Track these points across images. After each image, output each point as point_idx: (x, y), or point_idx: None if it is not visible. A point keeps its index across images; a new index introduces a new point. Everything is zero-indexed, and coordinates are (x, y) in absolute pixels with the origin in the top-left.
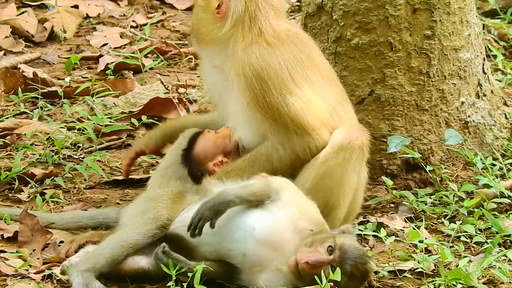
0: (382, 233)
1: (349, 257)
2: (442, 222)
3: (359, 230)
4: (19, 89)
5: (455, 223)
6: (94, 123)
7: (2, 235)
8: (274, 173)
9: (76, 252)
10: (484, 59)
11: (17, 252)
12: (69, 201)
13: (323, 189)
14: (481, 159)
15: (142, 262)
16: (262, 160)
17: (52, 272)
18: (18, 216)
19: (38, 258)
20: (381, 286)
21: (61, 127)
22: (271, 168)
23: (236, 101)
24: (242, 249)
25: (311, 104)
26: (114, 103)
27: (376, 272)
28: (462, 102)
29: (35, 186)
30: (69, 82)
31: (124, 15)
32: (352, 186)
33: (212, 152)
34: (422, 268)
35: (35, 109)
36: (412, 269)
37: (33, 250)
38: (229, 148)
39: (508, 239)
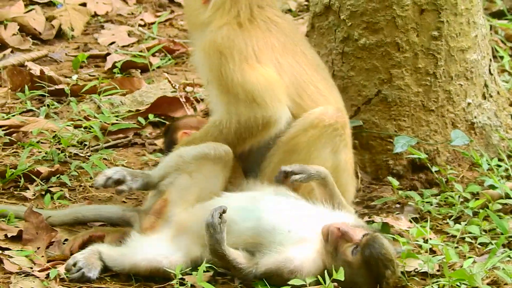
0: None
1: (375, 251)
2: (447, 223)
3: None
4: (26, 86)
5: (460, 224)
6: (100, 121)
7: (6, 234)
8: (226, 143)
9: (80, 248)
10: (490, 60)
11: (21, 250)
12: (75, 199)
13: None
14: (486, 160)
15: (163, 262)
16: (213, 130)
17: (57, 270)
18: (23, 214)
19: (42, 256)
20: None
21: (68, 125)
22: (221, 137)
23: (205, 82)
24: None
25: (271, 79)
26: (121, 102)
27: None
28: (469, 103)
29: (41, 184)
30: (76, 80)
31: (132, 13)
32: (323, 165)
33: (189, 125)
34: (426, 268)
35: (41, 106)
36: (417, 269)
37: (38, 248)
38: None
39: None
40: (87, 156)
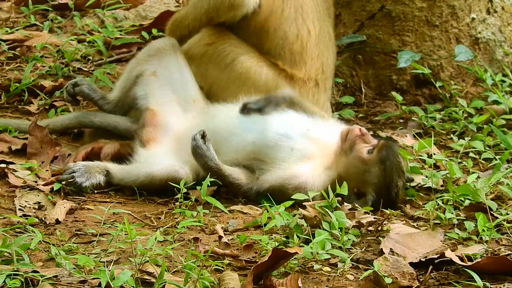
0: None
1: (392, 154)
2: (451, 138)
3: None
4: (30, 1)
5: (464, 139)
6: (104, 36)
7: (10, 147)
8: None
9: (83, 159)
10: None
11: (26, 163)
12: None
13: None
14: (490, 76)
15: (180, 172)
16: (191, 9)
17: (61, 183)
18: (28, 128)
19: (47, 170)
20: None
21: (71, 40)
22: (197, 17)
23: None
24: (292, 145)
25: None
26: (124, 16)
27: None
28: (473, 18)
29: (45, 98)
30: None
31: None
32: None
33: None
34: (430, 183)
35: (45, 21)
36: (421, 184)
37: (42, 162)
38: None
39: None
40: (90, 71)
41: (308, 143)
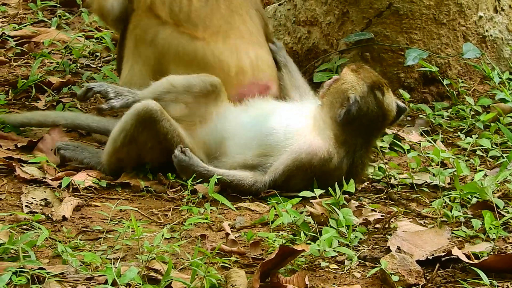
0: (405, 146)
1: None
2: (458, 136)
3: None
4: None
5: (471, 137)
6: (112, 32)
7: (16, 144)
8: None
9: None
10: None
11: (34, 156)
12: (86, 110)
13: None
14: (498, 74)
15: None
16: None
17: (69, 179)
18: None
19: (55, 169)
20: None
21: (79, 36)
22: None
23: None
24: (286, 128)
25: None
26: None
27: (392, 186)
28: (480, 17)
29: (52, 95)
30: None
31: None
32: None
33: None
34: (437, 181)
35: (53, 17)
36: (428, 182)
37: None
38: None
39: None
40: (98, 67)
41: (298, 118)
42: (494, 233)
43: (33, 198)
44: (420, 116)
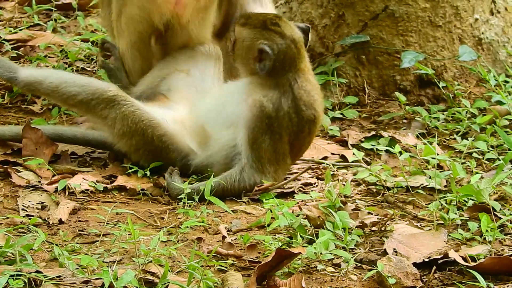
0: (397, 148)
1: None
2: (455, 139)
3: (372, 145)
4: (33, 0)
5: (467, 140)
6: (107, 36)
7: (13, 148)
8: None
9: None
10: None
11: (23, 165)
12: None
13: None
14: (494, 76)
15: None
16: None
17: (65, 182)
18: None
19: (48, 169)
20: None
21: (75, 40)
22: None
23: None
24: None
25: None
26: None
27: (388, 188)
28: (476, 19)
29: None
30: None
31: None
32: None
33: None
34: (434, 184)
35: (49, 21)
36: (424, 185)
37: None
38: None
39: None
40: (94, 71)
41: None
42: (490, 236)
43: (29, 201)
44: (416, 118)
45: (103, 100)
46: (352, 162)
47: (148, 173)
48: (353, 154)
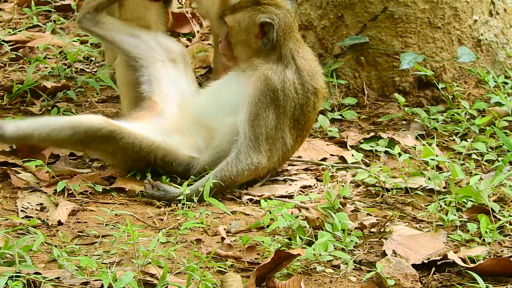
0: (396, 150)
1: None
2: (454, 140)
3: (371, 146)
4: (32, 2)
5: (467, 141)
6: None
7: (12, 146)
8: None
9: None
10: None
11: (22, 167)
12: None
13: None
14: (493, 77)
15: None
16: None
17: (64, 184)
18: None
19: (47, 172)
20: (392, 202)
21: (74, 41)
22: None
23: None
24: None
25: None
26: None
27: (387, 190)
28: (475, 20)
29: (47, 99)
30: None
31: None
32: None
33: None
34: (433, 185)
35: (48, 22)
36: (423, 186)
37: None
38: None
39: None
40: (93, 72)
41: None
42: (489, 237)
43: (28, 203)
44: (415, 120)
45: (97, 137)
46: (351, 163)
47: (148, 175)
48: (352, 155)
